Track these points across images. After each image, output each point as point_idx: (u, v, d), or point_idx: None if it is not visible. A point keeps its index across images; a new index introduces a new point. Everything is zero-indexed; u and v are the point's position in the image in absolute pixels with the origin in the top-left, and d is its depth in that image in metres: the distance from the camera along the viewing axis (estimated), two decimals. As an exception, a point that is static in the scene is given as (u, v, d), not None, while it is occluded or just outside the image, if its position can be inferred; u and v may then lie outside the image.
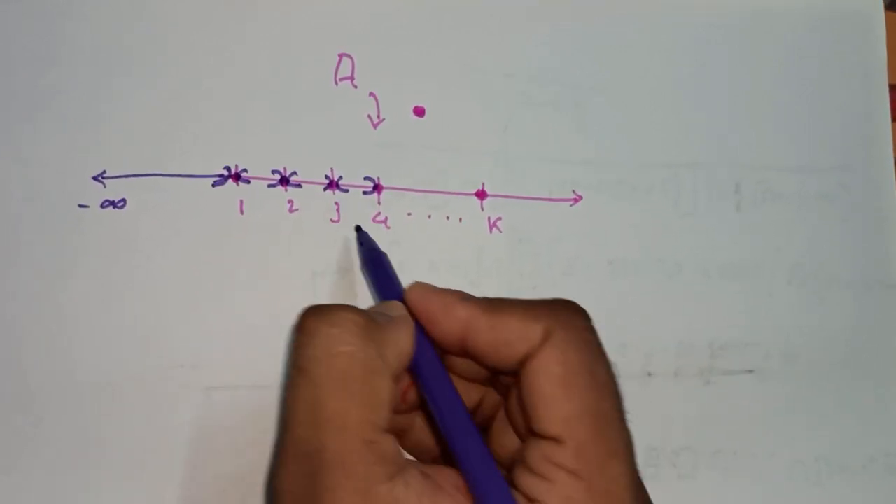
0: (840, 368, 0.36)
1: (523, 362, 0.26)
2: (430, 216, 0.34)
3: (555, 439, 0.24)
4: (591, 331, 0.26)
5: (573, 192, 0.35)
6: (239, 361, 0.31)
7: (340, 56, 0.34)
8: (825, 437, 0.35)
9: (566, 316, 0.26)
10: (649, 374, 0.34)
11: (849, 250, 0.36)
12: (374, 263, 0.31)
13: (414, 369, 0.27)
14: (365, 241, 0.32)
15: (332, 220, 0.33)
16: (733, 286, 0.35)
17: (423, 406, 0.29)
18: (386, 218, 0.33)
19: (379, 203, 0.33)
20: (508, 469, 0.26)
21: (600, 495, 0.23)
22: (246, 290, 0.32)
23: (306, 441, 0.23)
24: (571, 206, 0.35)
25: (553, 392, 0.24)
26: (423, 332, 0.27)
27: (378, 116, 0.34)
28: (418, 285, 0.29)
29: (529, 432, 0.25)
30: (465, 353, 0.27)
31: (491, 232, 0.34)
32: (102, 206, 0.32)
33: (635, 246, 0.35)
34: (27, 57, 0.32)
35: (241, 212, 0.32)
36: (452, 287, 0.28)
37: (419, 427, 0.30)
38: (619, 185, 0.35)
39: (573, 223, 0.35)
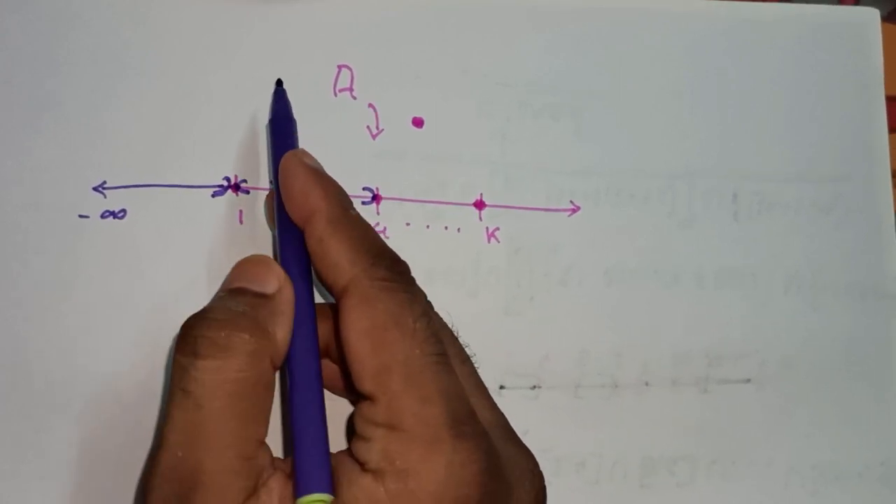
0: (837, 377, 0.36)
1: (332, 294, 0.25)
2: (428, 226, 0.34)
3: (369, 397, 0.24)
4: (403, 287, 0.25)
5: (570, 202, 0.35)
6: (238, 370, 0.31)
7: (339, 67, 0.34)
8: (822, 446, 0.35)
9: (378, 270, 0.25)
10: (646, 384, 0.34)
11: (845, 260, 0.36)
12: (277, 124, 0.30)
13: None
14: (276, 101, 0.31)
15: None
16: (730, 295, 0.35)
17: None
18: (385, 228, 0.33)
19: (378, 213, 0.33)
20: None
21: (418, 440, 0.23)
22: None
23: (182, 463, 0.23)
24: (569, 216, 0.35)
25: (361, 348, 0.24)
26: (310, 302, 0.26)
27: (377, 127, 0.34)
28: (295, 155, 0.28)
29: (356, 396, 0.25)
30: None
31: (489, 242, 0.34)
32: (103, 216, 0.32)
33: (632, 255, 0.35)
34: (27, 66, 0.32)
35: (241, 222, 0.32)
36: (450, 297, 0.28)
37: None
38: (617, 195, 0.35)
39: (570, 233, 0.35)
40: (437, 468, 0.23)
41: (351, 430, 0.27)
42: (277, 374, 0.26)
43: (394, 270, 0.26)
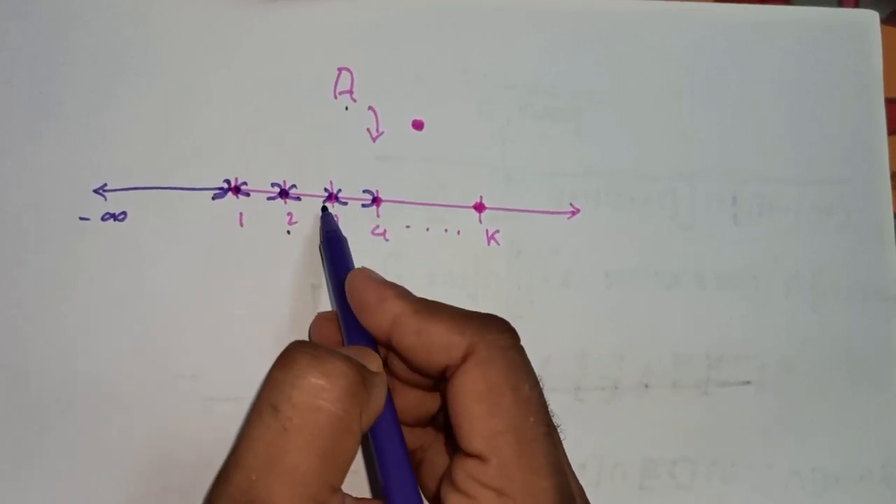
0: (837, 379, 0.36)
1: (446, 374, 0.25)
2: (428, 229, 0.34)
3: (478, 457, 0.24)
4: (516, 347, 0.26)
5: (571, 204, 0.35)
6: (239, 373, 0.31)
7: (339, 70, 0.34)
8: (822, 448, 0.35)
9: (491, 332, 0.25)
10: (647, 386, 0.34)
11: (846, 262, 0.37)
12: (331, 246, 0.31)
13: None
14: (325, 223, 0.32)
15: (331, 232, 0.33)
16: (731, 297, 0.36)
17: None
18: (385, 231, 0.33)
19: (378, 216, 0.33)
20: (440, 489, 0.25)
21: None
22: (246, 302, 0.32)
23: (255, 487, 0.22)
24: (569, 218, 0.35)
25: (475, 409, 0.24)
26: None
27: (377, 130, 0.34)
28: (360, 272, 0.28)
29: (455, 449, 0.25)
30: (394, 351, 0.27)
31: (489, 244, 0.34)
32: (103, 218, 0.32)
33: (633, 258, 0.35)
34: (27, 68, 0.32)
35: (241, 224, 0.32)
36: (451, 300, 0.28)
37: None
38: (617, 197, 0.35)
39: (571, 235, 0.35)
40: None
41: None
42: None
43: (504, 328, 0.26)
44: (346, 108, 0.34)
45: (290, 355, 0.24)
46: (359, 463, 0.31)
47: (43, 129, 0.32)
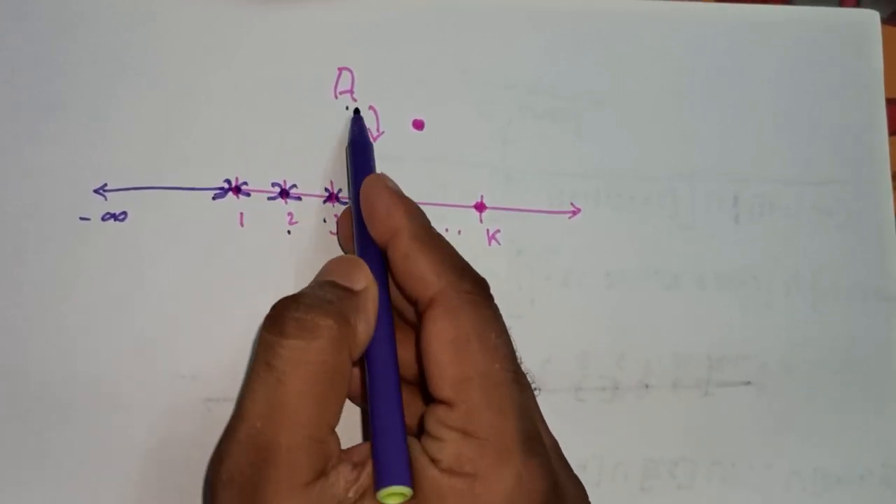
0: (838, 380, 0.36)
1: (418, 309, 0.26)
2: (428, 228, 0.34)
3: (447, 402, 0.25)
4: (485, 303, 0.27)
5: (571, 204, 0.35)
6: (238, 373, 0.31)
7: (340, 70, 0.34)
8: (823, 449, 0.35)
9: (464, 284, 0.26)
10: (647, 386, 0.34)
11: (846, 262, 0.37)
12: (356, 149, 0.31)
13: None
14: (356, 126, 0.32)
15: (331, 232, 0.33)
16: (731, 298, 0.36)
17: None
18: (385, 230, 0.33)
19: (378, 216, 0.33)
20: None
21: (491, 449, 0.24)
22: (246, 302, 0.32)
23: (259, 433, 0.24)
24: (570, 218, 0.35)
25: (443, 357, 0.25)
26: (387, 303, 0.28)
27: (377, 129, 0.34)
28: (377, 178, 0.29)
29: (428, 397, 0.26)
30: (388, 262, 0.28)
31: (490, 244, 0.34)
32: (103, 218, 0.32)
33: (633, 257, 0.35)
34: (28, 69, 0.32)
35: (241, 224, 0.32)
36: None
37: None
38: (618, 197, 0.35)
39: (571, 235, 0.35)
40: (506, 479, 0.24)
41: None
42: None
43: (478, 285, 0.27)
44: (347, 108, 0.34)
45: (276, 318, 0.25)
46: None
47: (43, 128, 0.32)
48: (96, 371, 0.31)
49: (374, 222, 0.28)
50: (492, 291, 0.27)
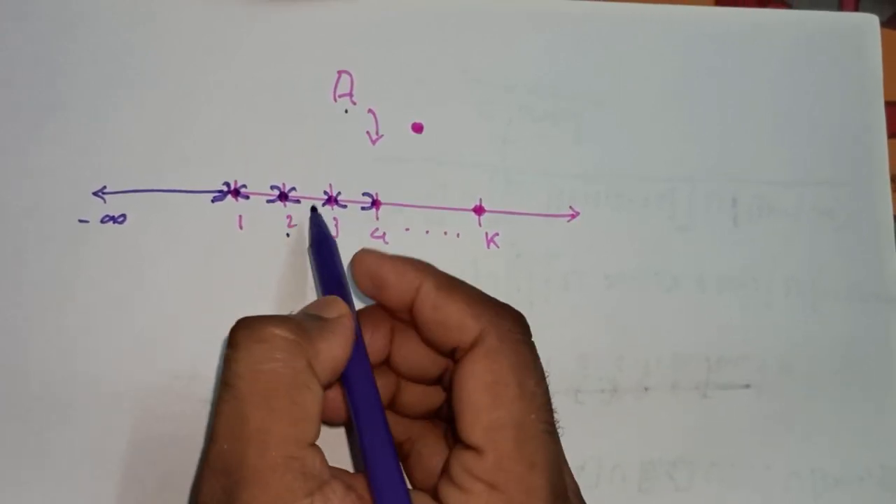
0: (836, 381, 0.36)
1: (455, 356, 0.26)
2: (428, 231, 0.34)
3: (476, 449, 0.24)
4: (526, 342, 0.26)
5: (570, 207, 0.35)
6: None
7: (339, 73, 0.34)
8: (821, 450, 0.35)
9: (504, 322, 0.26)
10: (646, 388, 0.34)
11: (845, 264, 0.37)
12: (320, 247, 0.31)
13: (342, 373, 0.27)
14: (315, 224, 0.32)
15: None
16: (730, 299, 0.35)
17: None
18: (384, 233, 0.33)
19: (377, 218, 0.33)
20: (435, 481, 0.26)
21: None
22: (244, 305, 0.31)
23: (228, 455, 0.23)
24: (569, 221, 0.35)
25: (479, 400, 0.24)
26: (360, 337, 0.27)
27: (377, 132, 0.34)
28: (366, 254, 0.28)
29: (455, 441, 0.25)
30: (412, 320, 0.27)
31: (488, 247, 0.34)
32: (102, 221, 0.32)
33: (632, 260, 0.35)
34: (27, 71, 0.32)
35: (240, 227, 0.32)
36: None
37: None
38: (617, 199, 0.35)
39: (570, 237, 0.35)
40: None
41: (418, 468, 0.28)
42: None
43: (519, 323, 0.26)
44: (346, 111, 0.34)
45: (232, 334, 0.25)
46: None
47: (43, 131, 0.32)
48: (96, 372, 0.31)
49: (387, 290, 0.27)
50: (491, 294, 0.27)
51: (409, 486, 0.26)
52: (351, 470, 0.29)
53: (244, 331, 0.25)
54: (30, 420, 0.30)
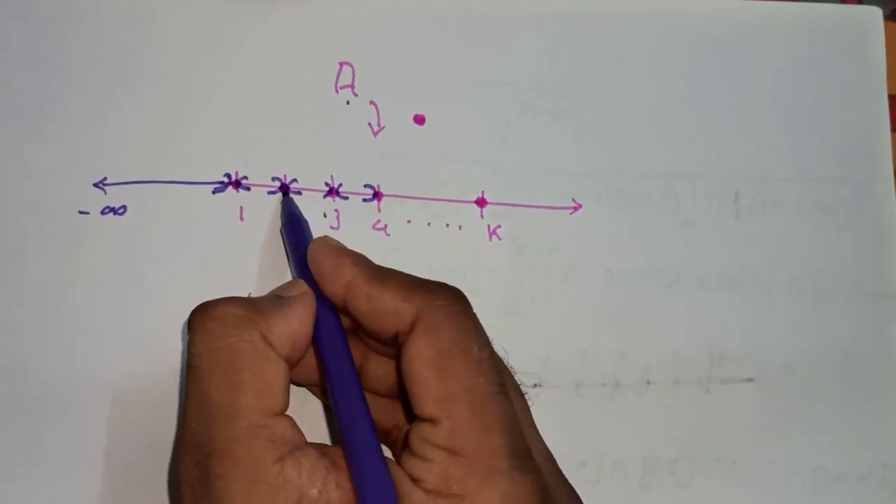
0: (838, 378, 0.36)
1: (398, 341, 0.26)
2: (429, 224, 0.34)
3: (431, 420, 0.24)
4: (465, 312, 0.26)
5: (573, 200, 0.35)
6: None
7: (341, 64, 0.34)
8: (823, 447, 0.35)
9: (438, 299, 0.26)
10: (648, 383, 0.34)
11: (847, 260, 0.36)
12: (292, 227, 0.31)
13: (315, 345, 0.27)
14: (286, 207, 0.32)
15: (331, 227, 0.33)
16: (732, 295, 0.35)
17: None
18: (386, 225, 0.33)
19: (379, 210, 0.33)
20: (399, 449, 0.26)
21: (478, 468, 0.24)
22: (246, 296, 0.32)
23: (198, 433, 0.24)
24: (571, 214, 0.35)
25: (426, 374, 0.25)
26: (331, 309, 0.28)
27: (378, 124, 0.34)
28: (318, 242, 0.29)
29: (412, 417, 0.25)
30: (350, 316, 0.28)
31: (490, 240, 0.34)
32: (103, 212, 0.32)
33: (634, 255, 0.35)
34: (29, 65, 0.32)
35: (242, 219, 0.32)
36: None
37: None
38: (619, 194, 0.35)
39: (572, 232, 0.35)
40: (494, 498, 0.23)
41: (397, 444, 0.28)
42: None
43: (454, 296, 0.26)
44: (348, 103, 0.34)
45: (189, 319, 0.26)
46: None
47: (44, 123, 0.32)
48: (95, 366, 0.31)
49: (326, 281, 0.28)
50: (492, 287, 0.27)
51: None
52: None
53: (199, 313, 0.26)
54: (29, 417, 0.30)
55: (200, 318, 0.25)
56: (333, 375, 0.26)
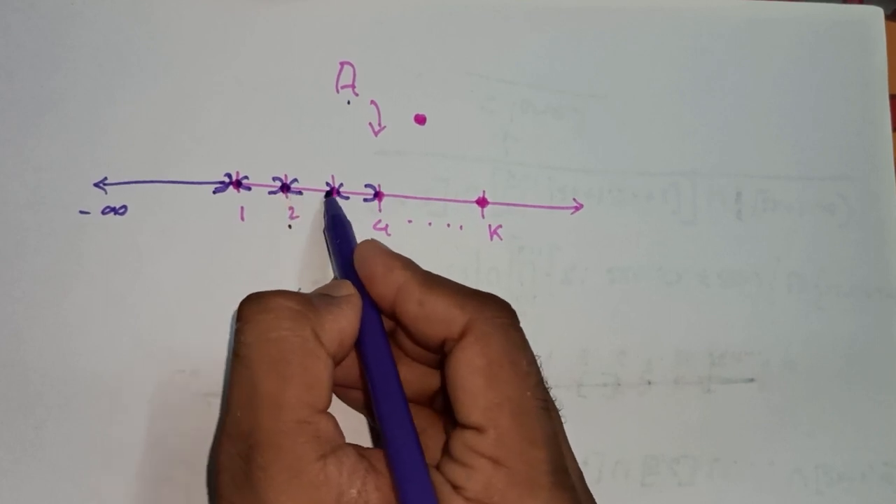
0: (839, 377, 0.36)
1: (445, 349, 0.26)
2: (430, 223, 0.34)
3: (476, 428, 0.24)
4: (514, 325, 0.26)
5: (573, 199, 0.35)
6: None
7: (342, 64, 0.34)
8: (824, 446, 0.35)
9: (490, 309, 0.26)
10: (649, 382, 0.34)
11: (848, 259, 0.36)
12: (336, 228, 0.31)
13: (359, 347, 0.27)
14: (330, 208, 0.32)
15: (332, 226, 0.33)
16: (733, 294, 0.35)
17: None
18: (387, 225, 0.33)
19: (380, 210, 0.33)
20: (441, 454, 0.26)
21: (520, 480, 0.24)
22: (246, 297, 0.32)
23: (242, 422, 0.24)
24: (572, 213, 0.35)
25: (475, 382, 0.25)
26: (375, 312, 0.28)
27: (379, 124, 0.34)
28: (367, 244, 0.29)
29: (454, 422, 0.25)
30: (397, 321, 0.28)
31: (491, 239, 0.34)
32: (103, 212, 0.32)
33: (635, 254, 0.35)
34: (29, 64, 0.32)
35: (242, 219, 0.32)
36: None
37: None
38: (620, 193, 0.35)
39: (573, 231, 0.35)
40: None
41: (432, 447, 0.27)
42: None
43: (505, 309, 0.27)
44: (349, 103, 0.34)
45: (240, 308, 0.26)
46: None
47: (45, 122, 0.32)
48: (96, 364, 0.31)
49: (375, 284, 0.28)
50: (493, 287, 0.27)
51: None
52: None
53: (252, 303, 0.26)
54: (30, 413, 0.30)
55: (254, 309, 0.25)
56: (377, 378, 0.26)
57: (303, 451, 0.23)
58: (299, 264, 0.32)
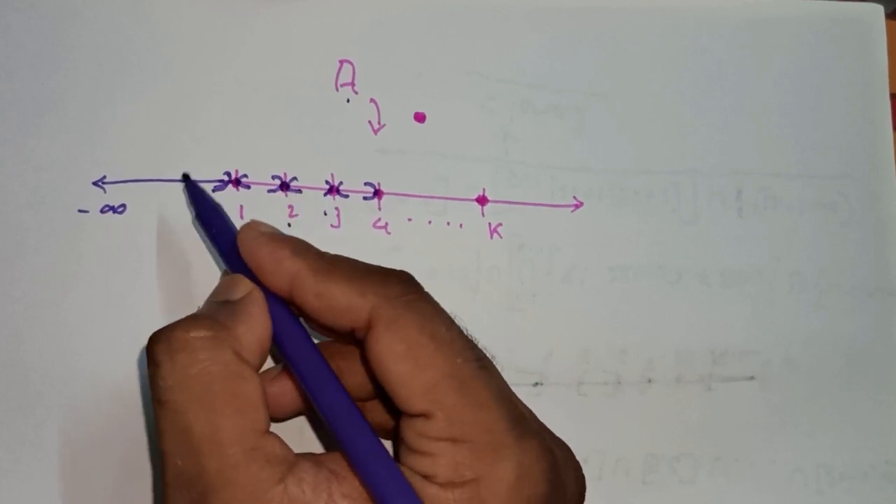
0: (841, 376, 0.36)
1: (356, 336, 0.25)
2: (430, 222, 0.34)
3: (423, 415, 0.24)
4: (421, 297, 0.25)
5: (574, 198, 0.35)
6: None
7: (341, 62, 0.34)
8: (826, 445, 0.35)
9: (391, 289, 0.25)
10: (650, 381, 0.34)
11: (850, 258, 0.36)
12: (208, 216, 0.30)
13: (276, 345, 0.26)
14: (193, 194, 0.31)
15: (332, 225, 0.33)
16: (734, 293, 0.35)
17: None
18: (386, 224, 0.33)
19: (379, 209, 0.33)
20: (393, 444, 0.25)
21: (484, 448, 0.23)
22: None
23: (185, 470, 0.23)
24: (572, 212, 0.35)
25: (403, 370, 0.24)
26: (280, 302, 0.26)
27: (379, 122, 0.34)
28: (247, 231, 0.27)
29: (400, 412, 0.25)
30: (299, 311, 0.26)
31: (491, 238, 0.34)
32: (102, 211, 0.32)
33: (636, 252, 0.35)
34: (28, 63, 0.32)
35: (241, 217, 0.32)
36: (452, 293, 0.28)
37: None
38: (620, 192, 0.35)
39: (574, 229, 0.35)
40: (507, 473, 0.23)
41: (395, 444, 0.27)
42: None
43: (406, 284, 0.25)
44: (348, 101, 0.34)
45: (149, 351, 0.24)
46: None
47: (43, 121, 0.32)
48: (95, 363, 0.31)
49: (265, 278, 0.26)
50: (493, 285, 0.27)
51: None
52: None
53: (161, 345, 0.24)
54: (29, 412, 0.30)
55: (164, 350, 0.24)
56: (313, 383, 0.25)
57: (258, 480, 0.22)
58: (299, 263, 0.32)
